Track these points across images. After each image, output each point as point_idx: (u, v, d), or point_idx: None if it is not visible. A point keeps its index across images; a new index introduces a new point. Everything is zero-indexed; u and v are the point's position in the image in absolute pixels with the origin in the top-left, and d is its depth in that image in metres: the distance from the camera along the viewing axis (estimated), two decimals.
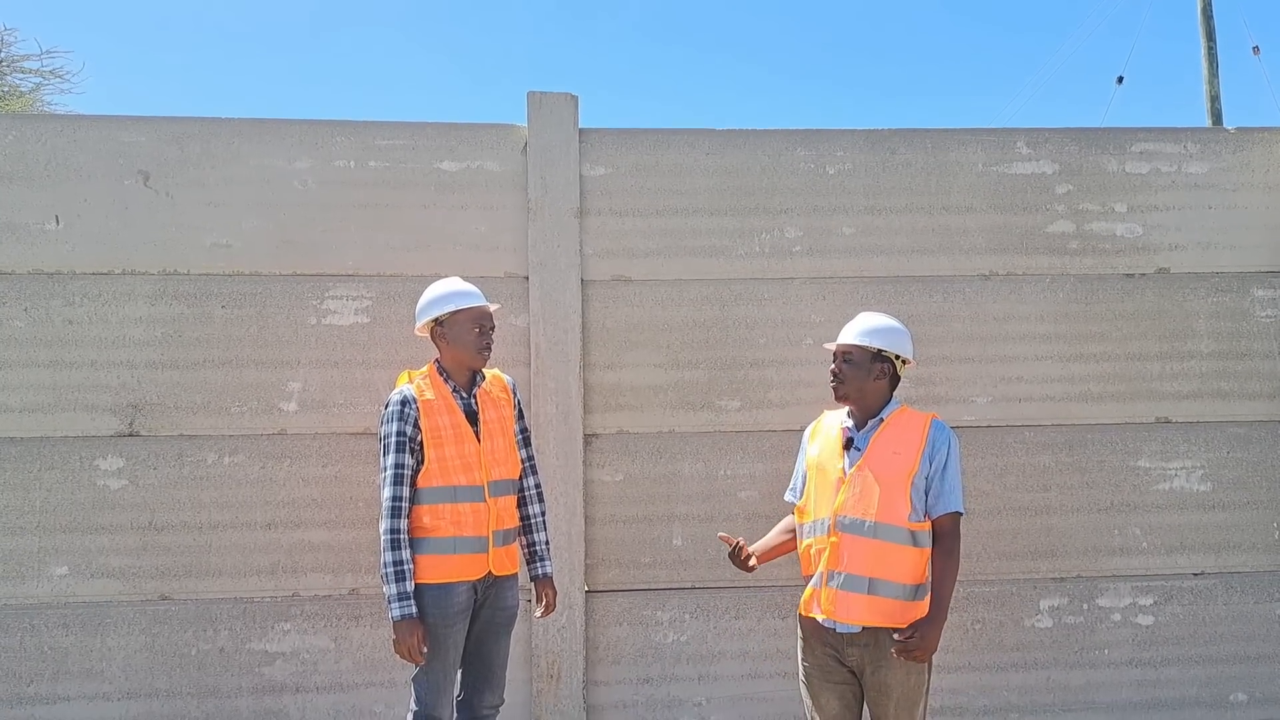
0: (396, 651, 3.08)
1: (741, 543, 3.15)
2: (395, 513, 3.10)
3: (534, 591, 3.46)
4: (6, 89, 11.58)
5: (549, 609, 3.44)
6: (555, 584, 3.46)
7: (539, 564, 3.45)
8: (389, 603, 3.07)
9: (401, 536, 3.10)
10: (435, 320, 3.26)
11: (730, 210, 4.22)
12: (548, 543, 3.50)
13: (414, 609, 3.06)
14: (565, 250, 4.11)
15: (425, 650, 3.08)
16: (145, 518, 3.95)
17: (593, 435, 4.11)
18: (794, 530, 3.18)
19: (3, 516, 3.90)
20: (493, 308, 3.33)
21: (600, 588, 4.10)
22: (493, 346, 3.30)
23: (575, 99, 4.18)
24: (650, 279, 4.18)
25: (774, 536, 3.26)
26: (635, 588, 4.11)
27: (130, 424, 3.97)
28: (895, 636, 2.87)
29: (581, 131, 4.17)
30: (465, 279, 3.39)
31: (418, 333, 3.37)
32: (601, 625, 4.08)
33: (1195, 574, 4.24)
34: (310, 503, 4.00)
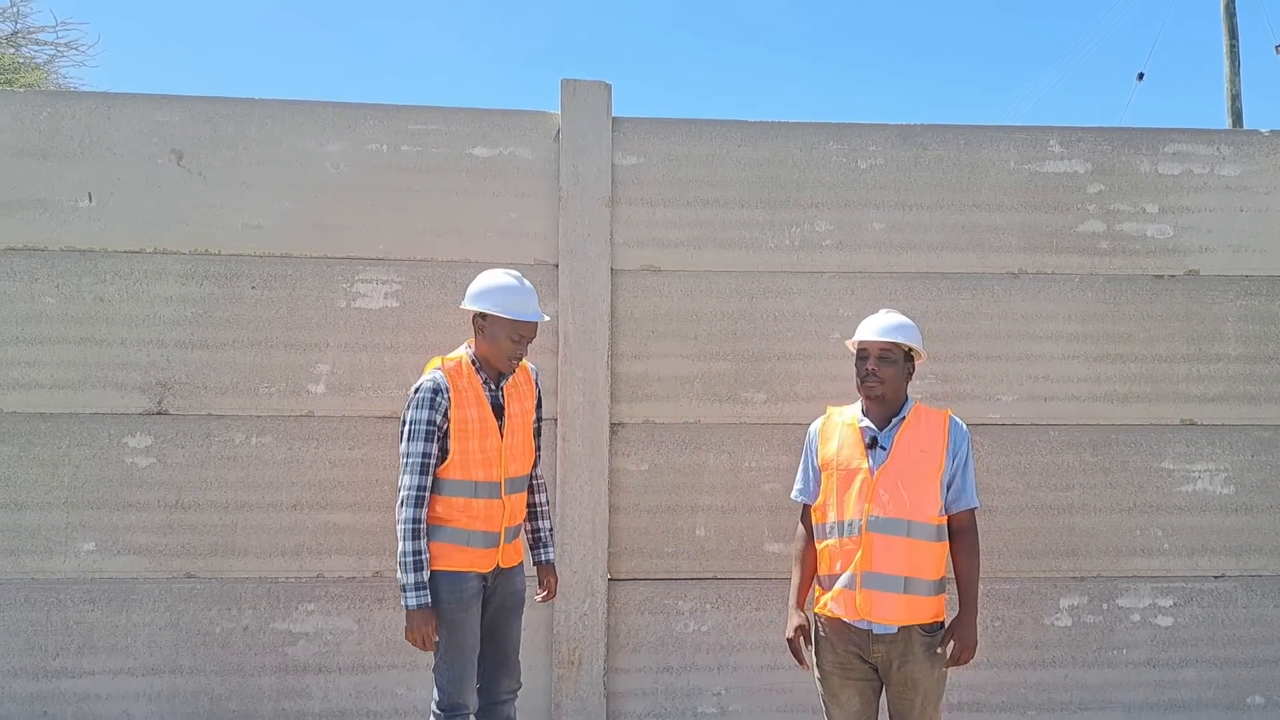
0: (408, 639, 3.09)
1: (808, 635, 3.10)
2: (417, 502, 3.10)
3: (537, 577, 3.47)
4: (22, 60, 11.57)
5: (550, 594, 3.47)
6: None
7: (542, 550, 3.48)
8: (404, 591, 3.08)
9: (421, 526, 3.10)
10: (480, 313, 3.21)
11: (761, 202, 4.22)
12: (551, 530, 3.54)
13: (429, 599, 3.08)
14: (595, 239, 4.11)
15: (437, 640, 3.11)
16: (172, 496, 3.97)
17: (619, 424, 4.12)
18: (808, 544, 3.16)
19: (32, 492, 3.92)
20: (543, 319, 3.25)
21: (623, 576, 4.11)
22: (523, 357, 3.27)
23: (609, 87, 4.17)
24: (680, 269, 4.18)
25: (803, 572, 3.18)
26: (657, 577, 4.12)
27: (159, 402, 3.99)
28: (939, 651, 2.90)
29: (614, 120, 4.17)
30: (496, 266, 3.35)
31: (463, 306, 3.28)
32: (623, 613, 4.10)
33: (1216, 576, 4.24)
34: (336, 485, 4.02)
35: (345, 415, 4.04)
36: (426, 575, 3.09)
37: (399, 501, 3.12)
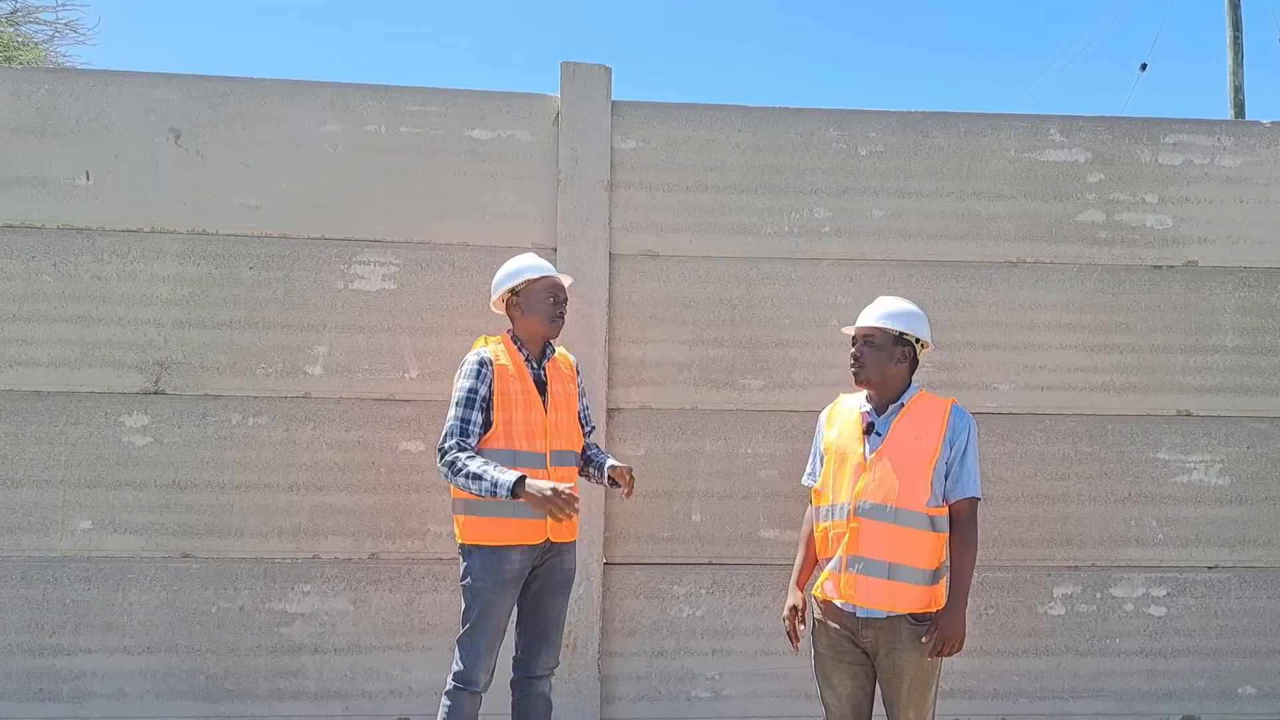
0: (553, 514, 2.98)
1: (802, 616, 3.12)
2: (451, 450, 3.11)
3: (613, 481, 3.36)
4: (21, 39, 11.54)
5: (629, 482, 3.32)
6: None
7: (610, 460, 3.39)
8: (500, 491, 2.99)
9: (461, 462, 3.06)
10: (512, 291, 3.33)
11: (760, 188, 4.21)
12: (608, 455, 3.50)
13: (513, 474, 3.00)
14: (594, 223, 4.11)
15: (467, 609, 3.16)
16: (169, 475, 3.97)
17: (616, 409, 4.12)
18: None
19: (29, 470, 3.93)
20: (566, 281, 3.39)
21: (618, 560, 4.12)
22: (565, 317, 3.35)
23: (609, 70, 4.16)
24: (678, 254, 4.18)
25: (805, 554, 3.19)
26: (653, 561, 4.14)
27: (156, 382, 3.99)
28: (923, 640, 2.90)
29: (614, 104, 4.16)
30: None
31: (494, 307, 3.42)
32: (618, 597, 4.12)
33: (1210, 567, 4.25)
34: (333, 466, 4.02)
35: (342, 397, 4.04)
36: (497, 473, 3.01)
37: (439, 458, 3.14)
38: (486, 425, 3.21)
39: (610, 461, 3.42)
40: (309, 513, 4.02)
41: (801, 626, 3.11)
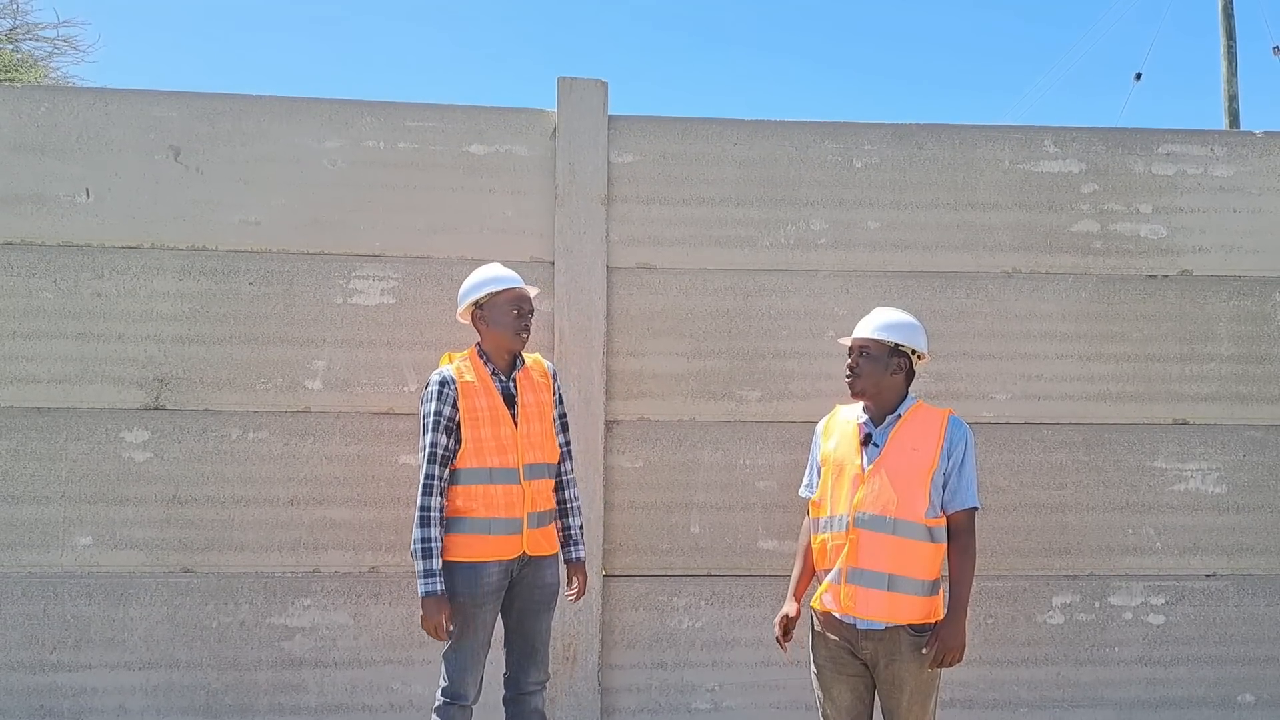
0: (423, 627, 3.13)
1: (793, 625, 3.13)
2: (428, 490, 3.15)
3: (567, 575, 3.47)
4: (20, 57, 11.58)
5: (580, 593, 3.46)
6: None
7: (573, 548, 3.47)
8: (418, 579, 3.11)
9: (433, 514, 3.14)
10: (476, 304, 3.29)
11: (756, 201, 4.23)
12: (581, 527, 3.52)
13: (439, 586, 3.10)
14: (591, 237, 4.13)
15: (451, 628, 3.13)
16: (169, 491, 3.98)
17: (614, 421, 4.13)
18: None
19: (29, 486, 3.94)
20: (532, 292, 3.35)
21: (617, 572, 4.13)
22: (531, 329, 3.31)
23: (605, 85, 4.19)
24: (675, 267, 4.20)
25: (803, 565, 3.21)
26: (652, 573, 4.15)
27: (156, 397, 4.00)
28: (924, 651, 2.91)
29: (611, 118, 4.19)
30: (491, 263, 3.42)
31: (460, 318, 3.39)
32: (618, 609, 4.12)
33: (1207, 575, 4.26)
34: (332, 480, 4.04)
35: (341, 411, 4.06)
36: (436, 564, 3.11)
37: (420, 491, 3.17)
38: (458, 444, 3.20)
39: (575, 554, 3.45)
40: (309, 527, 4.03)
41: (788, 643, 3.11)
